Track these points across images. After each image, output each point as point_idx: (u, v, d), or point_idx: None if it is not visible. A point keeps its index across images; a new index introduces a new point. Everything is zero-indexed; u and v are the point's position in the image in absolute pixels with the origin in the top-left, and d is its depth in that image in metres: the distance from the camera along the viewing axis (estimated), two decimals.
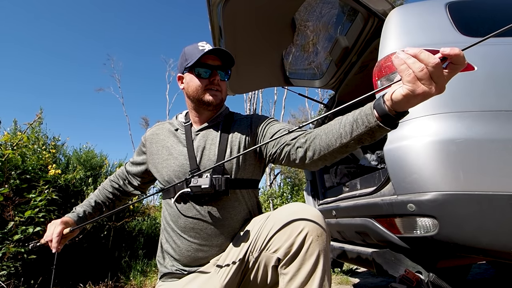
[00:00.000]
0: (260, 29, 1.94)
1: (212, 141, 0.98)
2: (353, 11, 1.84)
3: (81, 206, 1.10)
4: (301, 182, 8.53)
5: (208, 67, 0.96)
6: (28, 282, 1.91)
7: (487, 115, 1.05)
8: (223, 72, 1.00)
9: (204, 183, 0.87)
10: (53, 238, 0.93)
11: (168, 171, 0.97)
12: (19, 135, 2.27)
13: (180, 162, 0.96)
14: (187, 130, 1.02)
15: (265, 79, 2.53)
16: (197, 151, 0.97)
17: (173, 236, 0.96)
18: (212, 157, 0.95)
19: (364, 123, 0.69)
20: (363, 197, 1.43)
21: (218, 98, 0.99)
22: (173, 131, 1.04)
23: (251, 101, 16.59)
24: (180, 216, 0.94)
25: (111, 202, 1.16)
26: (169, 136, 1.03)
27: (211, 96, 0.97)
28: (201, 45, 0.97)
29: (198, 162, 0.95)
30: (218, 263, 0.91)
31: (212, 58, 0.97)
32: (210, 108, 1.00)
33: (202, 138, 0.99)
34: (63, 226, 0.96)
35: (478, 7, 1.45)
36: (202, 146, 0.97)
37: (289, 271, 0.76)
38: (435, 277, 1.08)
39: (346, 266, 3.01)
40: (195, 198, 0.92)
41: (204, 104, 0.98)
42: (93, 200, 1.13)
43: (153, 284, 2.70)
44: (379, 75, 1.26)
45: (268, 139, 0.93)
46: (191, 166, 0.94)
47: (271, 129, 0.96)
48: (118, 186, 1.17)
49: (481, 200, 0.96)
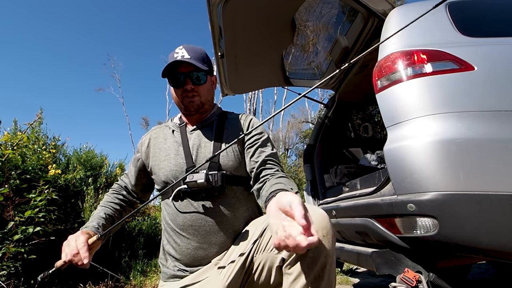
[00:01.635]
0: (260, 29, 1.94)
1: (208, 139, 1.01)
2: (353, 11, 1.84)
3: (91, 221, 0.97)
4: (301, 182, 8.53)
5: (178, 76, 0.98)
6: (28, 282, 1.90)
7: (487, 115, 1.05)
8: (198, 74, 0.99)
9: (200, 178, 0.89)
10: (80, 248, 0.79)
11: (165, 171, 0.98)
12: (19, 135, 2.27)
13: (177, 162, 0.98)
14: (182, 131, 1.05)
15: (265, 79, 2.53)
16: (192, 150, 0.99)
17: (173, 236, 0.97)
18: (208, 154, 0.98)
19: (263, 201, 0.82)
20: (363, 197, 1.43)
21: (195, 104, 1.00)
22: (170, 133, 1.06)
23: (251, 101, 16.59)
24: (178, 214, 0.95)
25: (118, 214, 1.09)
26: (166, 139, 1.05)
27: (189, 103, 1.00)
28: (176, 52, 0.97)
29: (194, 160, 0.97)
30: (221, 263, 0.91)
31: (184, 65, 0.97)
32: (193, 113, 1.03)
33: (197, 137, 1.02)
34: (86, 236, 0.83)
35: (478, 7, 1.45)
36: (197, 145, 1.00)
37: (293, 271, 0.75)
38: (435, 277, 1.08)
39: (346, 266, 3.00)
40: (192, 195, 0.94)
41: (186, 110, 1.02)
42: (102, 213, 1.02)
43: (153, 284, 2.70)
44: (379, 75, 1.26)
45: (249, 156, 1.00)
46: (187, 165, 0.96)
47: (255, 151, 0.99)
48: (123, 196, 1.12)
49: (481, 200, 0.96)
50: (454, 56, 1.14)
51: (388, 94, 1.20)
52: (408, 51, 1.20)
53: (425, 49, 1.18)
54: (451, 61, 1.13)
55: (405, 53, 1.20)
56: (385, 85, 1.21)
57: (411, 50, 1.19)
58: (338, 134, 2.58)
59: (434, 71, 1.12)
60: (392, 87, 1.18)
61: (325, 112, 2.62)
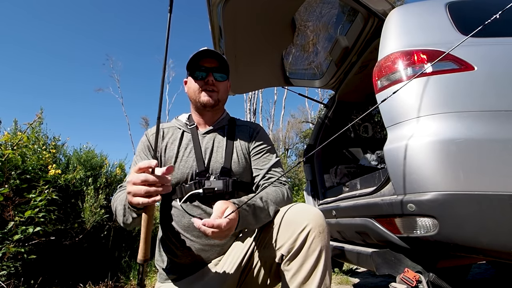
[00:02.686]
0: (260, 29, 1.94)
1: (219, 144, 1.03)
2: (353, 11, 1.84)
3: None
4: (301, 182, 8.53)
5: (203, 69, 1.01)
6: (28, 282, 1.90)
7: (487, 115, 1.05)
8: (219, 73, 1.03)
9: (218, 186, 0.93)
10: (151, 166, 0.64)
11: (176, 174, 0.98)
12: (19, 135, 2.27)
13: (189, 164, 0.98)
14: (194, 132, 1.05)
15: (265, 79, 2.53)
16: (205, 153, 1.00)
17: (174, 237, 0.97)
18: (220, 159, 0.99)
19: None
20: (363, 197, 1.43)
21: (214, 98, 1.02)
22: (178, 134, 1.05)
23: (251, 101, 16.59)
24: (185, 216, 0.95)
25: None
26: (175, 139, 1.04)
27: (206, 96, 1.01)
28: (200, 51, 1.01)
29: (206, 164, 0.98)
30: (221, 262, 0.92)
31: (208, 61, 1.01)
32: (208, 109, 1.04)
33: (210, 141, 1.03)
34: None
35: (478, 7, 1.45)
36: (210, 149, 1.01)
37: (292, 267, 0.78)
38: (435, 277, 1.08)
39: (346, 266, 3.00)
40: (203, 199, 0.95)
41: (201, 104, 1.02)
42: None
43: (153, 284, 2.70)
44: (379, 75, 1.26)
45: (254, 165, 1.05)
46: (199, 168, 0.97)
47: (260, 161, 1.04)
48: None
49: (481, 200, 0.96)
50: (454, 56, 1.14)
51: (388, 94, 1.20)
52: (408, 51, 1.20)
53: (425, 49, 1.18)
54: (451, 61, 1.13)
55: (405, 53, 1.20)
56: (385, 85, 1.21)
57: (411, 50, 1.19)
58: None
59: (434, 71, 1.12)
60: (392, 87, 1.18)
61: (325, 112, 2.61)
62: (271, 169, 1.02)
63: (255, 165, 1.04)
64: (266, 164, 1.03)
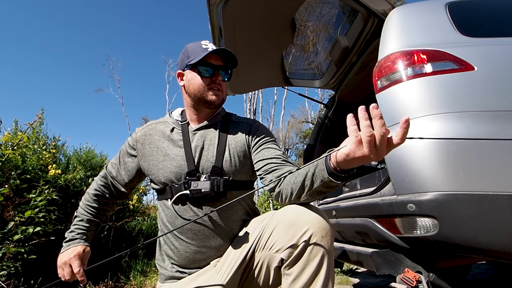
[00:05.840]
0: (260, 29, 1.94)
1: (211, 142, 0.97)
2: (353, 11, 1.84)
3: (80, 228, 1.00)
4: None
5: (211, 67, 0.96)
6: (28, 282, 1.90)
7: (487, 115, 1.05)
8: (224, 72, 0.99)
9: (205, 187, 0.88)
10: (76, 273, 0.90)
11: (165, 172, 0.94)
12: (19, 135, 2.27)
13: (178, 163, 0.94)
14: (184, 129, 0.99)
15: (265, 79, 2.53)
16: (195, 152, 0.95)
17: (170, 238, 0.96)
18: (211, 158, 0.94)
19: (320, 178, 0.72)
20: (363, 197, 1.43)
21: (220, 98, 0.98)
22: (168, 131, 1.00)
23: (251, 101, 16.59)
24: (177, 218, 0.93)
25: (102, 216, 1.07)
26: (163, 137, 1.00)
27: (214, 96, 0.96)
28: (204, 44, 0.97)
29: (196, 163, 0.93)
30: (219, 263, 0.91)
31: (215, 58, 0.97)
32: (212, 107, 0.99)
33: (200, 138, 0.97)
34: (78, 261, 0.91)
35: (478, 7, 1.45)
36: (200, 147, 0.96)
37: (292, 272, 0.76)
38: (435, 277, 1.08)
39: (346, 266, 3.00)
40: (193, 200, 0.92)
41: (206, 103, 0.97)
42: (86, 218, 1.01)
43: (153, 284, 2.70)
44: (379, 75, 1.26)
45: (258, 158, 0.97)
46: (188, 167, 0.92)
47: (264, 151, 0.97)
48: (106, 199, 1.06)
49: (481, 200, 0.96)
50: (454, 56, 1.14)
51: (388, 94, 1.20)
52: (408, 51, 1.20)
53: (425, 49, 1.18)
54: (451, 61, 1.13)
55: (405, 53, 1.20)
56: (385, 85, 1.21)
57: (411, 50, 1.19)
58: (338, 134, 2.58)
59: (434, 71, 1.12)
60: (392, 87, 1.18)
61: (325, 112, 2.61)
62: (278, 156, 0.95)
63: (260, 156, 0.96)
64: (272, 153, 0.96)
